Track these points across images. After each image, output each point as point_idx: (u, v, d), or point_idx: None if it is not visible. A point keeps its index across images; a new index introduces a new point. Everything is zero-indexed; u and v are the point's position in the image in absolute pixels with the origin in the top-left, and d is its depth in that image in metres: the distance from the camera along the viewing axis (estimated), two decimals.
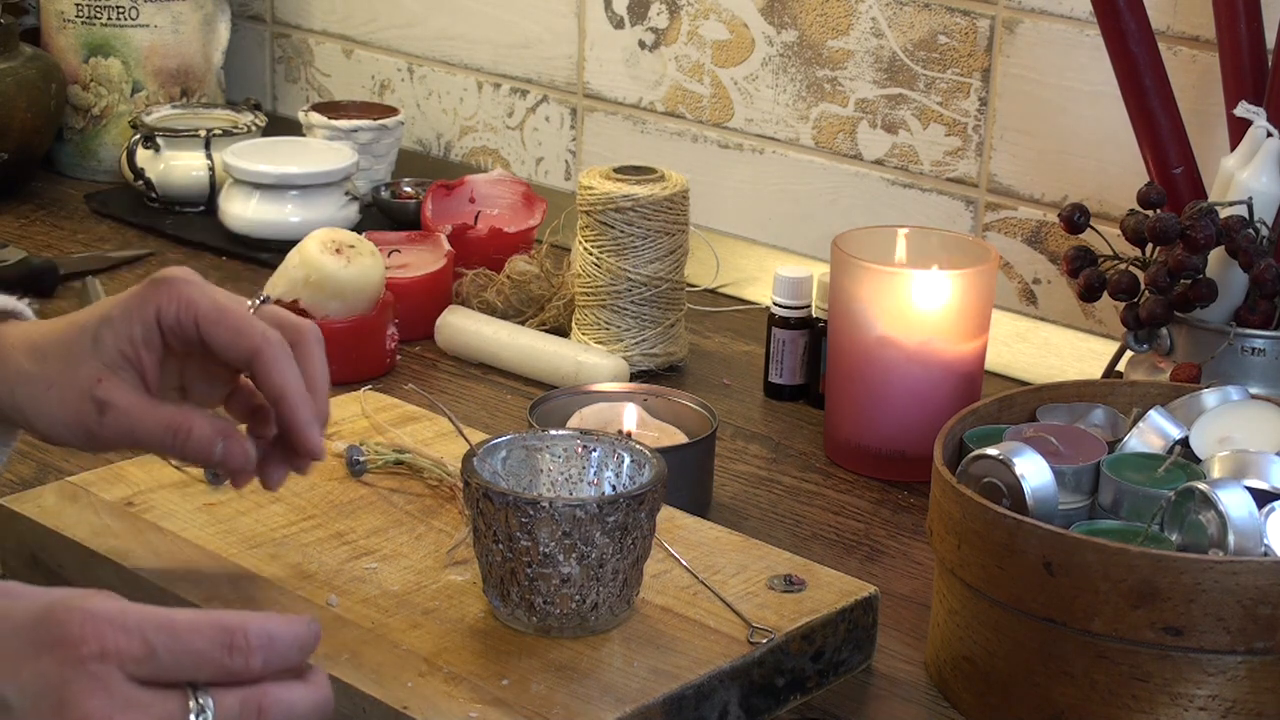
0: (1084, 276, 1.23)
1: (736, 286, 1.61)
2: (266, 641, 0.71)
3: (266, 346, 0.91)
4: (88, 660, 0.68)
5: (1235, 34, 1.22)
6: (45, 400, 0.92)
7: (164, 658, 0.69)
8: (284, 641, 0.71)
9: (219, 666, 0.70)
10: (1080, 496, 1.02)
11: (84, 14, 1.83)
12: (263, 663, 0.71)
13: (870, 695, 1.01)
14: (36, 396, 0.92)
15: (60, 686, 0.68)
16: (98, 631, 0.68)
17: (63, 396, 0.92)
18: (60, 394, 0.92)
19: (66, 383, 0.92)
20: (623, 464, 1.00)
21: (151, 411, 0.92)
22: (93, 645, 0.68)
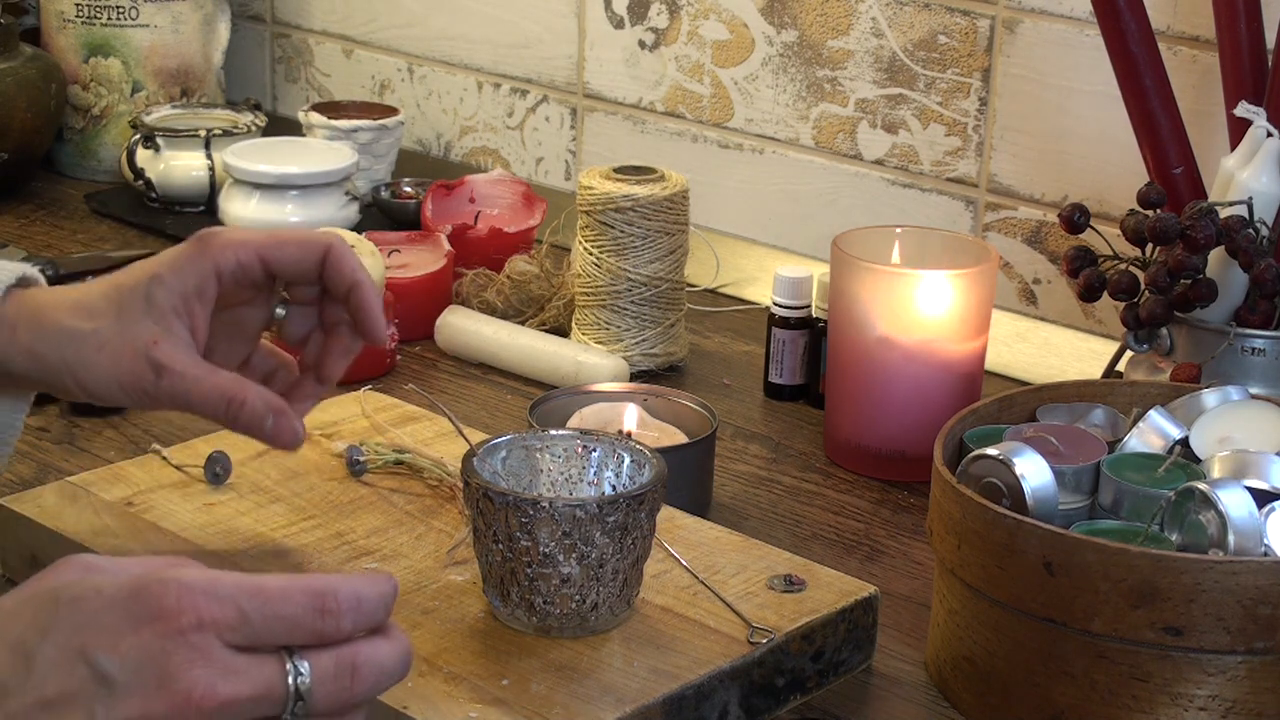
0: (1084, 276, 1.23)
1: (736, 286, 1.61)
2: (355, 603, 0.72)
3: (334, 244, 0.95)
4: (187, 631, 0.69)
5: (1235, 34, 1.22)
6: (97, 361, 0.92)
7: (258, 624, 0.70)
8: (371, 602, 0.72)
9: (312, 630, 0.71)
10: (1080, 496, 1.02)
11: (84, 14, 1.83)
12: (352, 624, 0.72)
13: (870, 695, 1.01)
14: (87, 357, 0.92)
15: (162, 658, 0.68)
16: (193, 602, 0.69)
17: (116, 357, 0.92)
18: (114, 354, 0.92)
19: (121, 343, 0.92)
20: (623, 464, 1.00)
21: (208, 378, 0.93)
22: (190, 616, 0.69)
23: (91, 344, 0.92)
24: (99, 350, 0.92)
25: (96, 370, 0.93)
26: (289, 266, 0.95)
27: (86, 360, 0.93)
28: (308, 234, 0.96)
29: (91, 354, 0.92)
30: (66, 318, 0.93)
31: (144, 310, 0.92)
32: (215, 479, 1.11)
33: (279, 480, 1.12)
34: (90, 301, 0.94)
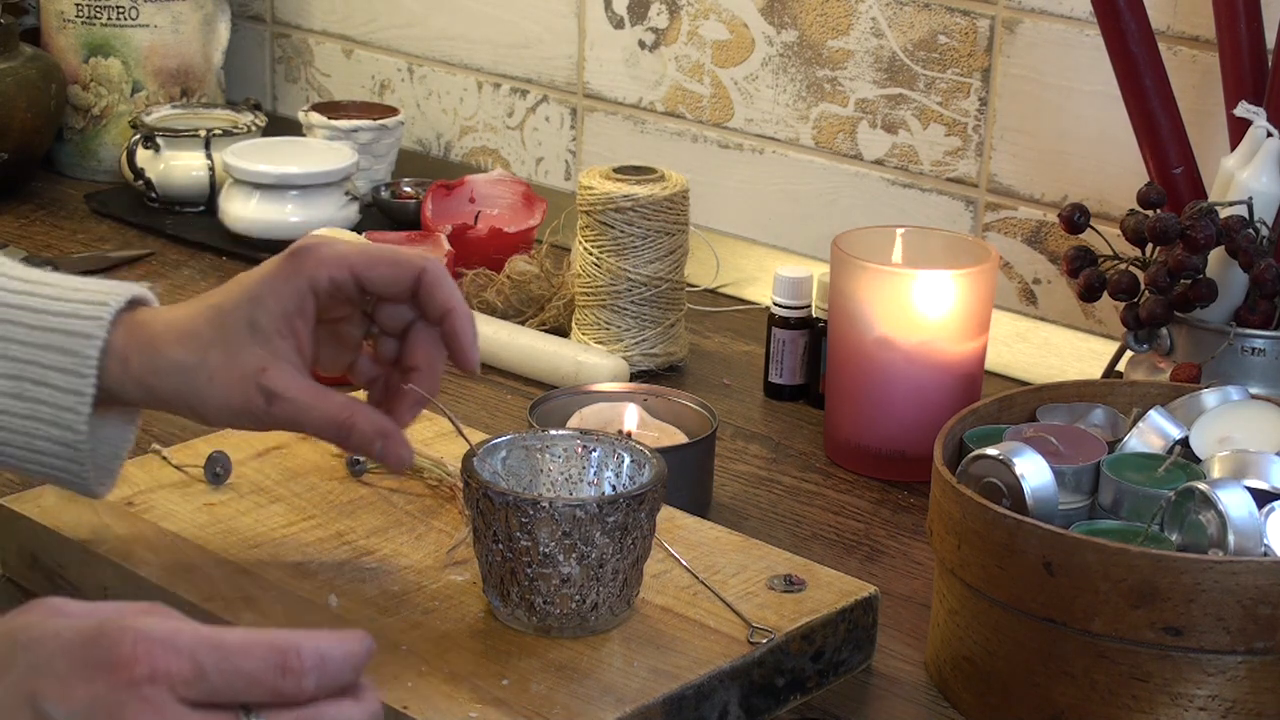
0: (1084, 276, 1.23)
1: (736, 286, 1.61)
2: (319, 662, 0.70)
3: (430, 267, 0.95)
4: (140, 682, 0.67)
5: (1235, 34, 1.22)
6: (209, 391, 0.93)
7: (215, 679, 0.68)
8: (336, 661, 0.70)
9: (271, 688, 0.69)
10: (1080, 496, 1.02)
11: (84, 14, 1.83)
12: (315, 684, 0.70)
13: (870, 695, 1.01)
14: (200, 389, 0.93)
15: (113, 709, 0.67)
16: (149, 652, 0.68)
17: (228, 387, 0.93)
18: (224, 385, 0.93)
19: (229, 372, 0.93)
20: (623, 464, 1.00)
21: (319, 402, 0.93)
22: (144, 667, 0.67)
23: (202, 377, 0.93)
24: (210, 382, 0.93)
25: (210, 401, 0.93)
26: (381, 286, 0.95)
27: (199, 392, 0.93)
28: (402, 254, 0.95)
29: (203, 386, 0.93)
30: (175, 351, 0.94)
31: (249, 335, 0.93)
32: (215, 479, 1.11)
33: (279, 480, 1.12)
34: (196, 329, 0.94)
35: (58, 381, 0.94)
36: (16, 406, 0.94)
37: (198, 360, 0.93)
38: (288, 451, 1.15)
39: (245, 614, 0.97)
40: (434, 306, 0.95)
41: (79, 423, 0.94)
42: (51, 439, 0.95)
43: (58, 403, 0.94)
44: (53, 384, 0.94)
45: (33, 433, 0.95)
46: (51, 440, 0.95)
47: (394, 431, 0.95)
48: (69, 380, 0.93)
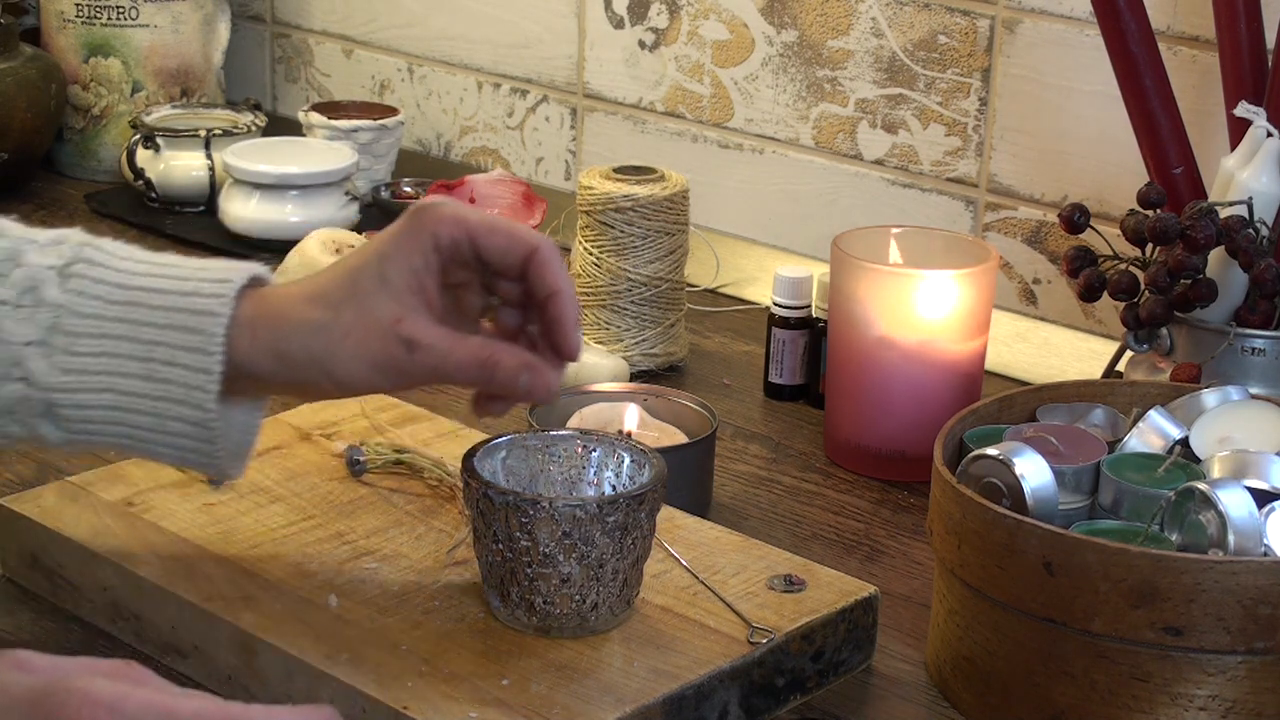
0: (1084, 276, 1.23)
1: (736, 286, 1.61)
2: None
3: (543, 246, 0.94)
4: None
5: (1235, 34, 1.22)
6: (345, 348, 0.92)
7: None
8: None
9: None
10: (1080, 496, 1.02)
11: (84, 14, 1.83)
12: None
13: (870, 695, 1.01)
14: (335, 347, 0.92)
15: None
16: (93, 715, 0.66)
17: (364, 341, 0.92)
18: (361, 339, 0.92)
19: (365, 327, 0.92)
20: (623, 464, 1.00)
21: (460, 345, 0.92)
22: None
23: (337, 333, 0.92)
24: (345, 338, 0.92)
25: (346, 358, 0.92)
26: (495, 255, 0.94)
27: (334, 350, 0.92)
28: (519, 228, 0.95)
29: (338, 342, 0.92)
30: (307, 311, 0.93)
31: (381, 290, 0.92)
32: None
33: (279, 480, 1.12)
34: (326, 291, 0.93)
35: (186, 360, 0.92)
36: (147, 388, 0.93)
37: (331, 318, 0.92)
38: (288, 451, 1.15)
39: (245, 614, 0.97)
40: (541, 285, 0.94)
41: (209, 401, 0.93)
42: (183, 419, 0.93)
43: (187, 381, 0.93)
44: (181, 363, 0.92)
45: (164, 414, 0.93)
46: (183, 420, 0.93)
47: (537, 363, 0.93)
48: (197, 359, 0.92)
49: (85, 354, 0.93)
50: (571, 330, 0.94)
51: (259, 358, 0.93)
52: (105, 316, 0.93)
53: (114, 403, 0.93)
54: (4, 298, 0.93)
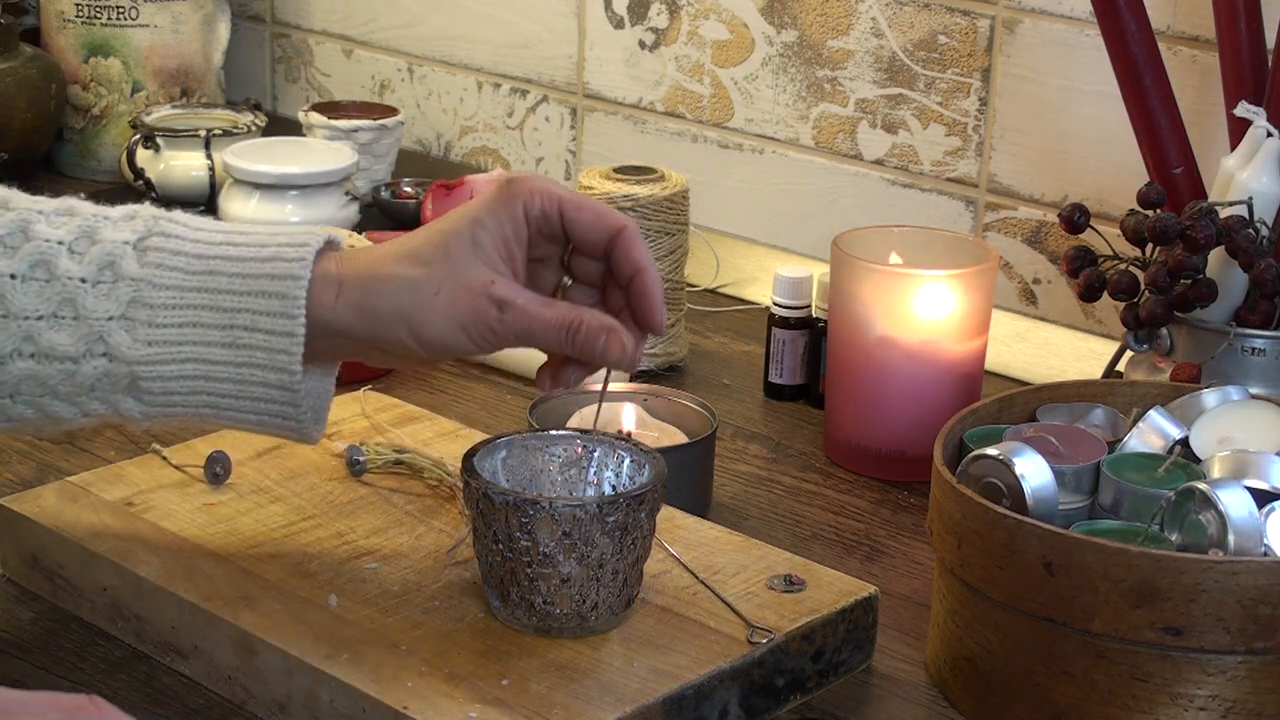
0: (1084, 276, 1.23)
1: (736, 286, 1.61)
2: None
3: (629, 225, 0.95)
4: None
5: (1235, 34, 1.22)
6: (434, 305, 0.93)
7: None
8: None
9: None
10: (1080, 496, 1.02)
11: (84, 14, 1.83)
12: None
13: (870, 695, 1.01)
14: (424, 302, 0.93)
15: None
16: None
17: (454, 300, 0.93)
18: (451, 297, 0.93)
19: (457, 286, 0.93)
20: (623, 464, 1.00)
21: (547, 308, 0.94)
22: None
23: (428, 290, 0.93)
24: (435, 294, 0.93)
25: (435, 315, 0.93)
26: (581, 232, 0.95)
27: (423, 305, 0.93)
28: (606, 208, 0.96)
29: (428, 299, 0.93)
30: (397, 267, 0.94)
31: (473, 253, 0.93)
32: (215, 479, 1.11)
33: (279, 480, 1.12)
34: (418, 249, 0.94)
35: (268, 325, 0.93)
36: (230, 355, 0.94)
37: (424, 274, 0.93)
38: (288, 451, 1.15)
39: (245, 614, 0.97)
40: (628, 263, 0.95)
41: (293, 363, 0.93)
42: (268, 384, 0.94)
43: (271, 346, 0.93)
44: (264, 329, 0.93)
45: (248, 380, 0.94)
46: (268, 385, 0.94)
47: (618, 327, 0.94)
48: (280, 323, 0.93)
49: (167, 325, 0.93)
50: (658, 304, 0.95)
51: (344, 314, 0.94)
52: (185, 287, 0.94)
53: (197, 372, 0.94)
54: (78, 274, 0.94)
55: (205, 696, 0.98)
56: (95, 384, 0.94)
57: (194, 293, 0.94)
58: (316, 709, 0.92)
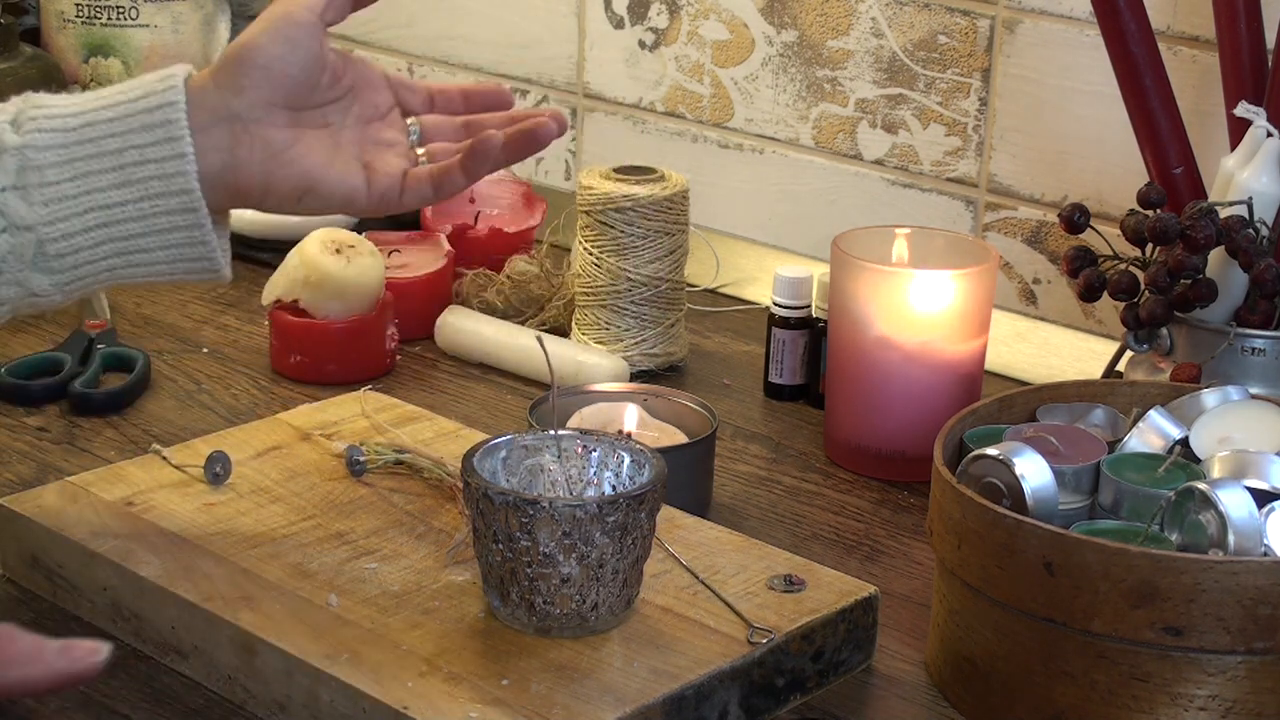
0: (1084, 276, 1.23)
1: (736, 286, 1.61)
2: None
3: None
4: None
5: (1235, 34, 1.22)
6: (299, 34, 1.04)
7: None
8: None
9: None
10: (1080, 496, 1.02)
11: (84, 14, 1.83)
12: None
13: (870, 695, 1.01)
14: (290, 36, 1.03)
15: None
16: None
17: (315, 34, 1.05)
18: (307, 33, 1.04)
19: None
20: (623, 464, 1.00)
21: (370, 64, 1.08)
22: None
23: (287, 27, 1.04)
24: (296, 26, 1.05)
25: (301, 42, 1.03)
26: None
27: (291, 38, 1.04)
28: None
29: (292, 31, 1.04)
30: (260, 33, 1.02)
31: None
32: (215, 479, 1.11)
33: (279, 480, 1.12)
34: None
35: (156, 154, 0.95)
36: (127, 194, 0.95)
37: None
38: (288, 451, 1.15)
39: (245, 614, 0.97)
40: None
41: (190, 182, 0.95)
42: (170, 210, 0.95)
43: (165, 172, 0.95)
44: (154, 158, 0.95)
45: (149, 213, 0.96)
46: (170, 213, 0.96)
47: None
48: (167, 147, 0.95)
49: (59, 181, 0.95)
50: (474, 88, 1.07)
51: (227, 95, 0.97)
52: (68, 143, 0.96)
53: (99, 220, 0.95)
54: None
55: (205, 696, 0.98)
56: (2, 263, 0.95)
57: (77, 145, 0.96)
58: (316, 709, 0.92)
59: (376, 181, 1.00)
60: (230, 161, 0.96)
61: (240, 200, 0.98)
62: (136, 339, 1.42)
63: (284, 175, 0.98)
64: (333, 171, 0.99)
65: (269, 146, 0.97)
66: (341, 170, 0.99)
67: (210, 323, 1.49)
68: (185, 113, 0.95)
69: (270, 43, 0.99)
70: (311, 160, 0.98)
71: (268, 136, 0.97)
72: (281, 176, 0.98)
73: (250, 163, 0.97)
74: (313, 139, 1.00)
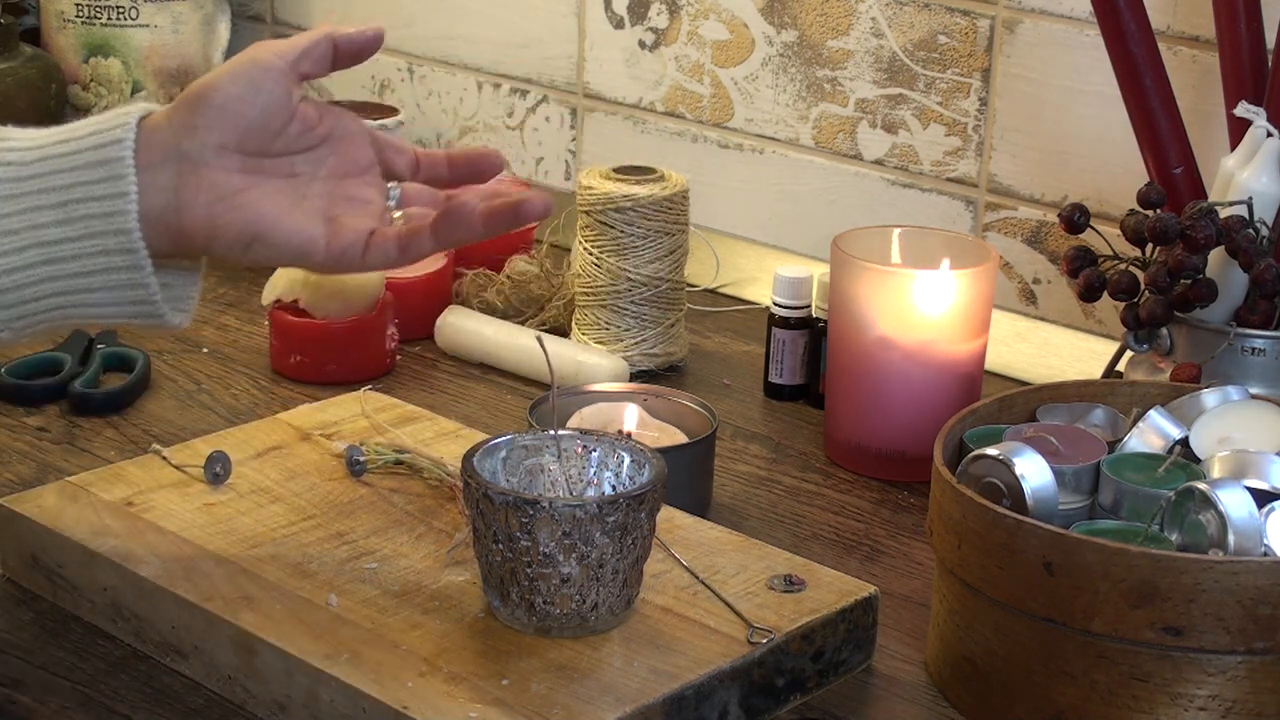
0: (1084, 276, 1.23)
1: (736, 286, 1.61)
2: None
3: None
4: None
5: (1235, 34, 1.22)
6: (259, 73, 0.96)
7: None
8: None
9: None
10: (1080, 496, 1.02)
11: (84, 14, 1.83)
12: None
13: (870, 695, 1.01)
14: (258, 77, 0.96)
15: None
16: None
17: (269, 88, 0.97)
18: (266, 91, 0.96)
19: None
20: (623, 464, 1.00)
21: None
22: None
23: (246, 63, 0.97)
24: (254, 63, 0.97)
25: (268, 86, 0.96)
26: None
27: (258, 81, 0.96)
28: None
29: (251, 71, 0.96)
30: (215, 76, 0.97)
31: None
32: (215, 479, 1.11)
33: (279, 480, 1.12)
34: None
35: (100, 192, 0.92)
36: (68, 232, 0.93)
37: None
38: (288, 451, 1.15)
39: (245, 614, 0.97)
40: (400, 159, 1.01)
41: (129, 221, 0.92)
42: (108, 250, 0.93)
43: (106, 210, 0.92)
44: (97, 195, 0.92)
45: (88, 252, 0.93)
46: (108, 253, 0.93)
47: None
48: (110, 186, 0.92)
49: (8, 214, 0.93)
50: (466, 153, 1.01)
51: (179, 134, 0.94)
52: (20, 178, 0.93)
53: (39, 257, 0.93)
54: None
55: (205, 696, 0.98)
56: None
57: (30, 180, 0.93)
58: (316, 709, 0.92)
59: (339, 236, 0.96)
60: (174, 202, 0.93)
61: (186, 243, 0.94)
62: (136, 339, 1.42)
63: (230, 221, 0.93)
64: (287, 222, 0.95)
65: (216, 189, 0.93)
66: (299, 222, 0.95)
67: (210, 323, 1.49)
68: (133, 150, 0.93)
69: (230, 83, 0.94)
70: (263, 208, 0.94)
71: (215, 180, 0.93)
72: (227, 222, 0.93)
73: (195, 205, 0.93)
74: (272, 187, 0.95)
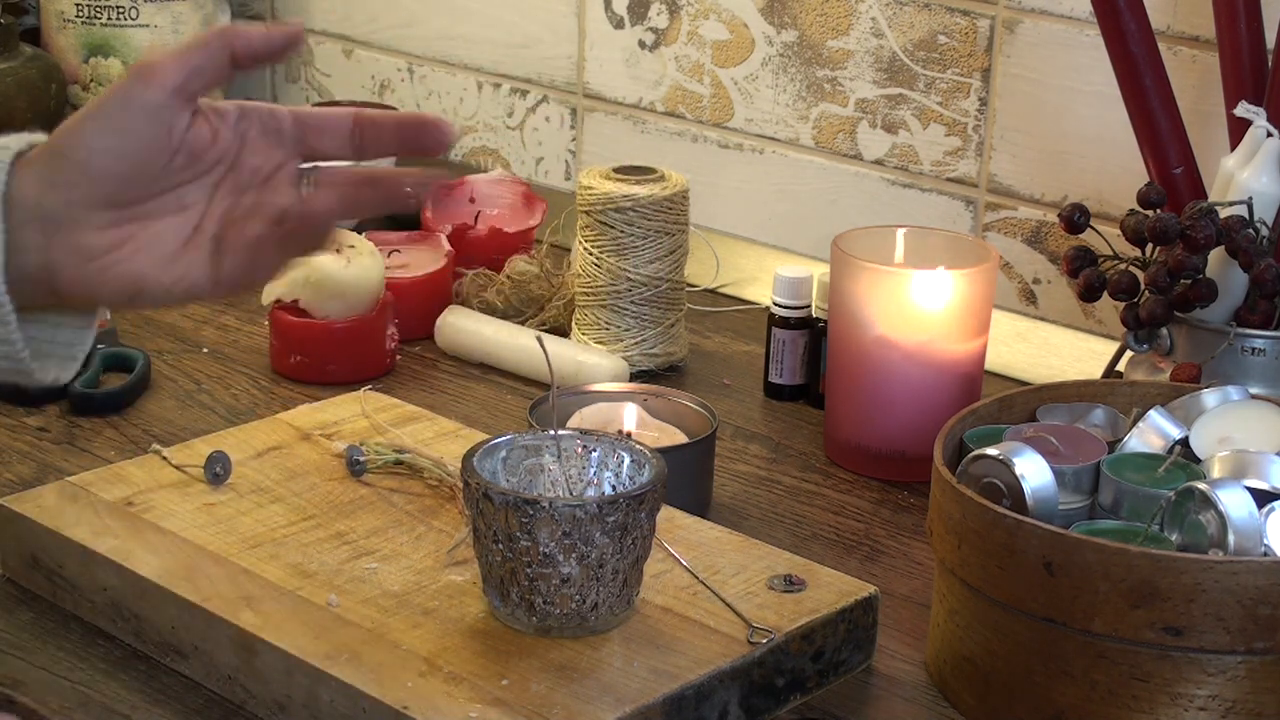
0: (1084, 276, 1.23)
1: (736, 286, 1.61)
2: None
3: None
4: None
5: (1235, 34, 1.22)
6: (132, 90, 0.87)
7: None
8: None
9: None
10: (1080, 496, 1.02)
11: (84, 14, 1.83)
12: None
13: (870, 695, 1.01)
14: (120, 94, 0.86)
15: None
16: None
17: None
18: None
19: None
20: (623, 464, 1.00)
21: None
22: None
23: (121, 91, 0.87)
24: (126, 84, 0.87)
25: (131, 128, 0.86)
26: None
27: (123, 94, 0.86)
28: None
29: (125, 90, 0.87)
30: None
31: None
32: (215, 479, 1.11)
33: (279, 480, 1.12)
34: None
35: None
36: None
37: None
38: (288, 451, 1.15)
39: (245, 614, 0.97)
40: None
41: None
42: None
43: None
44: None
45: None
46: None
47: None
48: None
49: None
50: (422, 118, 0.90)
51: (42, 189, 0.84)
52: None
53: None
54: None
55: (205, 696, 0.98)
56: None
57: None
58: (316, 709, 0.92)
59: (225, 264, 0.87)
60: (44, 263, 0.85)
61: (71, 301, 0.87)
62: (137, 339, 1.42)
63: (105, 280, 0.85)
64: (170, 271, 0.86)
65: (84, 251, 0.85)
66: (181, 270, 0.86)
67: (210, 323, 1.49)
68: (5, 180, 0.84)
69: (95, 135, 0.84)
70: (140, 262, 0.85)
71: (81, 241, 0.85)
72: (102, 281, 0.85)
73: (66, 266, 0.85)
74: (151, 234, 0.86)
